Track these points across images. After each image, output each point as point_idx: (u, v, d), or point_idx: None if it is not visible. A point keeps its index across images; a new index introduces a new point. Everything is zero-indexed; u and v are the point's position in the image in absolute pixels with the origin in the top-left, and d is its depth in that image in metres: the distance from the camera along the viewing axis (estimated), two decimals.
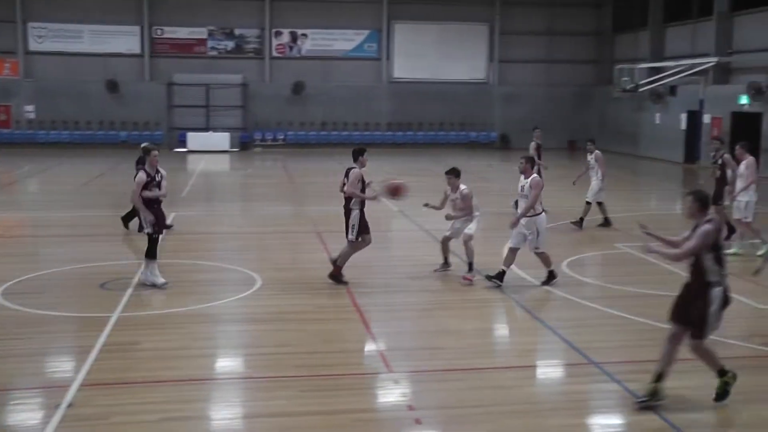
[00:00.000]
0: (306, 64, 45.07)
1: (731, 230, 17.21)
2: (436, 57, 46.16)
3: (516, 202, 21.06)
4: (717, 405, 8.44)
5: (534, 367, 10.08)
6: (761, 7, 33.91)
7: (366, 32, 45.61)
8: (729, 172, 16.91)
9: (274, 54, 45.25)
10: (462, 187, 14.17)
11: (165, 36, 44.45)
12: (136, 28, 44.12)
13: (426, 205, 14.50)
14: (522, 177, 13.91)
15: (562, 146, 45.01)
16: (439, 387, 9.11)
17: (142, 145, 14.06)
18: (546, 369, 10.08)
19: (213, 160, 39.02)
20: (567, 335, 10.96)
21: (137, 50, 44.28)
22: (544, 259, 13.82)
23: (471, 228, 14.18)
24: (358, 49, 45.71)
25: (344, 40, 45.49)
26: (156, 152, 13.46)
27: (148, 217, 13.02)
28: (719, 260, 8.23)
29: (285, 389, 8.94)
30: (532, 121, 45.68)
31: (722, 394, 8.42)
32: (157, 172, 13.33)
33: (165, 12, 44.11)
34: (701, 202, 8.28)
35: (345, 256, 13.89)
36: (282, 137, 44.88)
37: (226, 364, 10.14)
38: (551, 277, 13.87)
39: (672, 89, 39.13)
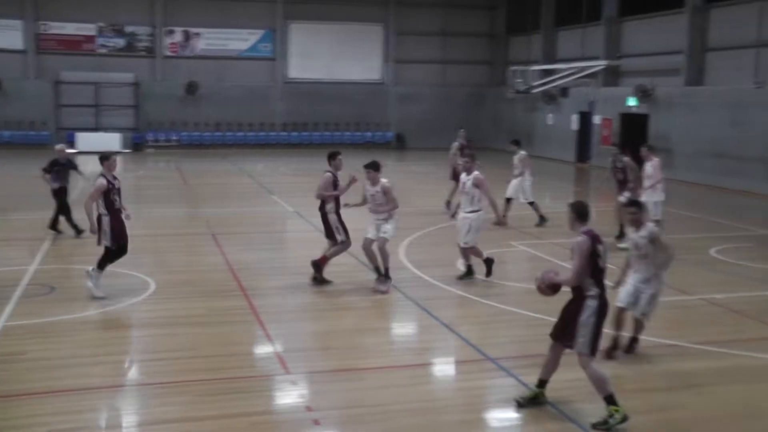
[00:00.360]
0: (200, 64, 44.40)
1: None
2: (332, 57, 46.07)
3: (448, 203, 21.39)
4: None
5: (431, 364, 10.16)
6: (647, 13, 35.08)
7: (260, 32, 45.20)
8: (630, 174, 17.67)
9: (167, 53, 44.42)
10: (383, 180, 13.94)
11: (51, 32, 43.03)
12: (19, 23, 42.59)
13: (347, 205, 14.17)
14: (464, 174, 14.29)
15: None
16: (336, 387, 9.10)
17: (101, 154, 13.30)
18: (442, 366, 10.17)
19: None
20: (463, 332, 11.08)
21: (20, 46, 42.78)
22: (467, 254, 14.13)
23: (387, 230, 13.39)
24: (253, 49, 45.26)
25: (238, 40, 44.98)
26: (115, 157, 13.06)
27: (93, 227, 12.57)
28: (596, 271, 8.12)
29: (180, 395, 8.78)
30: (428, 122, 46.37)
31: (602, 423, 7.93)
32: (115, 178, 12.87)
33: (51, 6, 42.67)
34: (577, 213, 8.33)
35: (333, 255, 13.85)
36: (175, 138, 44.12)
37: (119, 371, 9.88)
38: (469, 272, 14.16)
39: (564, 91, 39.97)
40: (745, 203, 25.24)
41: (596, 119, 37.40)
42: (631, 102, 34.45)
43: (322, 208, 13.92)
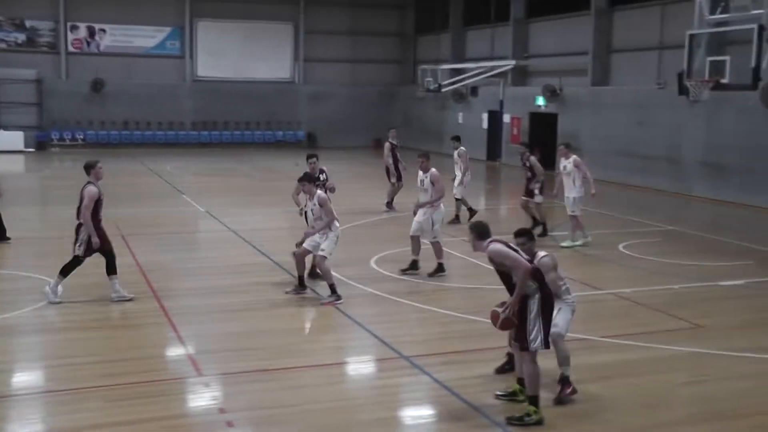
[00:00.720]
0: (106, 61, 43.44)
1: (539, 225, 18.22)
2: (241, 55, 45.65)
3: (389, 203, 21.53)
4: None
5: (345, 363, 10.16)
6: (553, 15, 35.74)
7: (168, 29, 44.49)
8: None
9: (71, 49, 43.35)
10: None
11: None
12: None
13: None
14: (421, 173, 14.68)
15: (368, 144, 45.63)
16: (250, 388, 9.03)
17: (86, 162, 12.75)
18: (357, 365, 10.18)
19: (6, 160, 37.07)
20: (376, 330, 11.11)
21: None
22: (437, 250, 14.37)
23: (324, 247, 12.68)
24: (160, 47, 44.53)
25: (145, 37, 44.18)
26: (101, 165, 12.66)
27: (94, 238, 12.17)
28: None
29: (90, 401, 8.59)
30: (338, 120, 46.38)
31: (518, 419, 8.03)
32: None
33: None
34: (476, 233, 8.30)
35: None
36: (81, 137, 43.12)
37: (25, 378, 9.58)
38: (440, 269, 14.37)
39: (473, 90, 40.45)
40: (651, 200, 25.88)
41: (506, 118, 37.94)
42: (540, 101, 35.05)
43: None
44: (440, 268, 14.44)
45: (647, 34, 30.08)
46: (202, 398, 8.75)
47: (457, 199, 20.45)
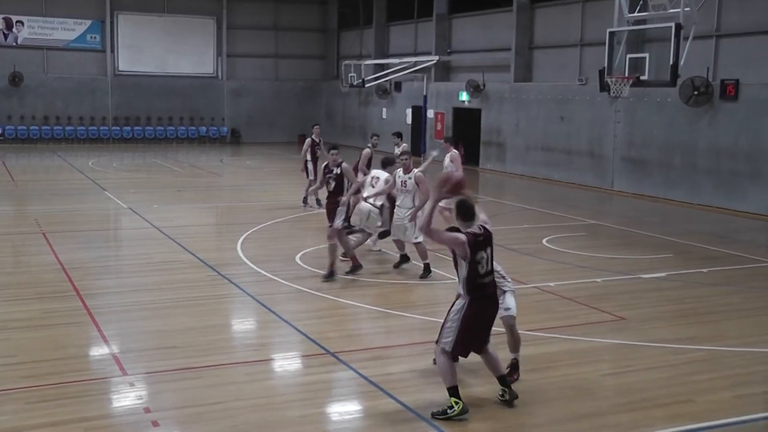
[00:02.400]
0: (24, 54, 42.43)
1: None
2: (163, 50, 45.06)
3: (305, 199, 21.30)
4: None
5: (271, 360, 10.10)
6: (475, 11, 36.09)
7: (88, 22, 43.63)
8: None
9: None
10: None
11: None
12: None
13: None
14: (401, 172, 14.28)
15: (292, 140, 45.45)
16: (176, 387, 8.92)
17: None
18: (283, 362, 10.12)
19: None
20: (302, 327, 11.08)
21: None
22: (421, 251, 14.11)
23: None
24: (81, 40, 43.65)
25: (65, 30, 43.26)
26: None
27: None
28: (472, 274, 8.10)
29: (9, 403, 8.38)
30: (262, 116, 46.17)
31: (441, 413, 8.05)
32: None
33: None
34: (463, 214, 8.28)
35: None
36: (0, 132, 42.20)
37: None
38: (427, 270, 14.10)
39: (397, 85, 40.63)
40: (573, 194, 26.30)
41: (430, 113, 38.16)
42: (463, 97, 35.33)
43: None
44: (427, 269, 14.16)
45: (568, 31, 30.56)
46: (126, 398, 8.61)
47: None
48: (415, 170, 14.33)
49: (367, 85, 40.25)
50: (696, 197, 24.17)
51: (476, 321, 8.16)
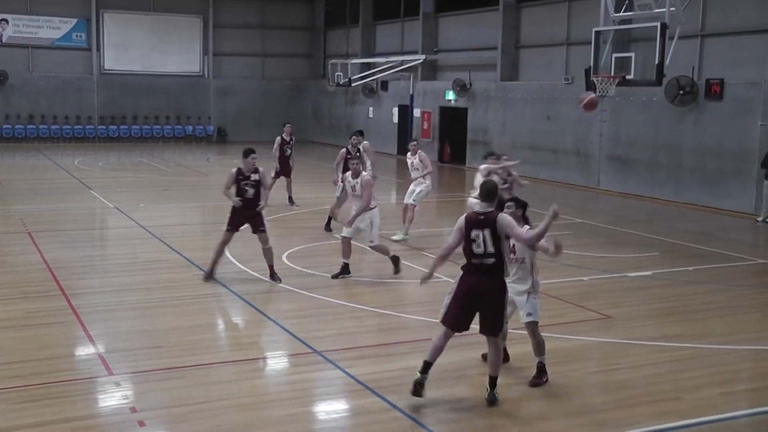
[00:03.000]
0: (8, 52, 42.15)
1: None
2: (149, 49, 44.89)
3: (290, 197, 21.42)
4: (431, 383, 8.76)
5: (258, 359, 10.08)
6: (461, 10, 36.10)
7: (74, 21, 43.39)
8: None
9: None
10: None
11: None
12: None
13: None
14: (350, 177, 14.15)
15: None
16: (162, 386, 8.89)
17: None
18: (270, 361, 10.11)
19: None
20: (289, 326, 11.06)
21: None
22: (381, 250, 14.16)
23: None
24: (66, 38, 43.41)
25: (50, 28, 43.01)
26: None
27: None
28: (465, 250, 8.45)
29: None
30: (248, 115, 46.06)
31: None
32: None
33: None
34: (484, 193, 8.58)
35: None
36: None
37: None
38: (395, 264, 14.19)
39: (383, 84, 40.62)
40: (560, 193, 26.32)
41: (416, 113, 38.17)
42: (450, 96, 35.36)
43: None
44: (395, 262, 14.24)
45: (554, 30, 30.61)
46: (112, 398, 8.57)
47: None
48: (364, 174, 14.22)
49: (353, 84, 40.24)
50: (681, 196, 24.27)
51: (461, 297, 8.40)
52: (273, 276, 13.57)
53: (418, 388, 8.30)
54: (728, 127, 23.09)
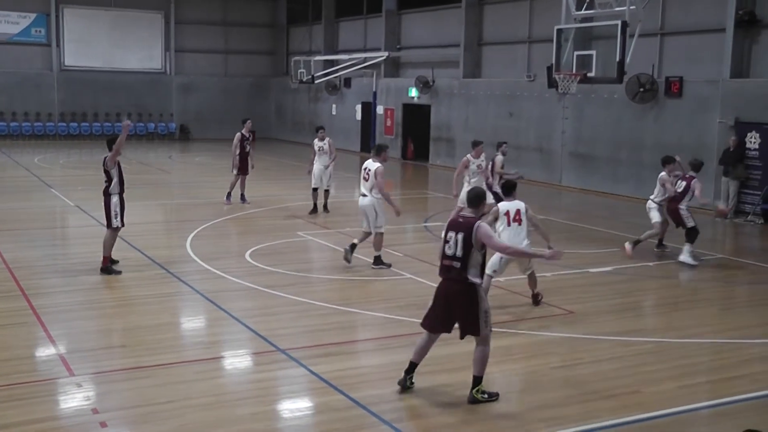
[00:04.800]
0: None
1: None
2: (110, 45, 44.46)
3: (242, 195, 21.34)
4: (395, 380, 8.80)
5: (221, 358, 10.05)
6: (424, 7, 36.19)
7: (33, 15, 42.85)
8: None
9: None
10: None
11: None
12: None
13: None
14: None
15: None
16: (124, 387, 8.84)
17: None
18: (233, 359, 10.08)
19: None
20: (252, 324, 11.04)
21: None
22: (378, 241, 14.43)
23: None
24: (25, 33, 42.85)
25: (8, 23, 42.42)
26: None
27: None
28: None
29: None
30: (211, 112, 45.82)
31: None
32: None
33: None
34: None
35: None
36: None
37: None
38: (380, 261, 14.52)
39: (347, 81, 40.61)
40: (522, 190, 26.28)
41: (379, 110, 38.20)
42: (413, 93, 35.43)
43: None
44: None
45: (517, 27, 30.76)
46: (74, 399, 8.50)
47: (326, 190, 20.50)
48: (378, 164, 14.40)
49: (316, 81, 40.22)
50: (642, 192, 24.42)
51: (435, 299, 8.65)
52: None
53: (404, 387, 8.58)
54: (687, 124, 23.37)
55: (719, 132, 22.37)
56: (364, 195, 14.46)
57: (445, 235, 8.47)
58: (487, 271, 11.84)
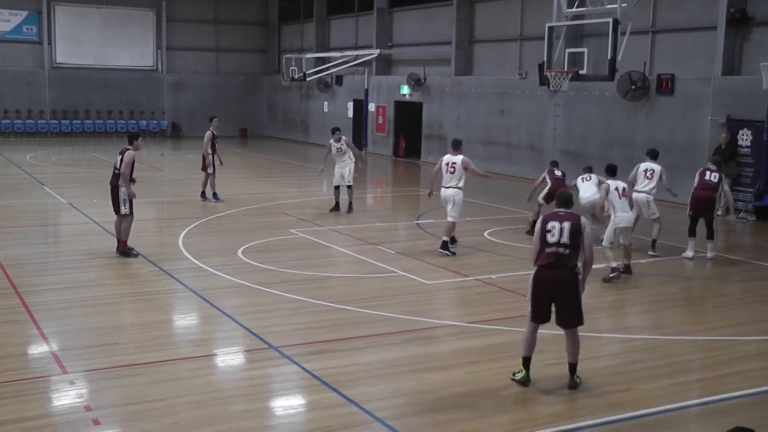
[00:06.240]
0: None
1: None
2: (102, 42, 44.34)
3: (203, 193, 21.18)
4: (387, 377, 8.82)
5: (214, 355, 10.05)
6: (415, 5, 36.19)
7: (24, 13, 42.72)
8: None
9: None
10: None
11: None
12: None
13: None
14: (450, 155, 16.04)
15: (234, 134, 45.24)
16: (117, 384, 8.84)
17: None
18: (226, 357, 10.08)
19: None
20: (245, 321, 11.04)
21: None
22: (449, 228, 15.60)
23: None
24: (16, 31, 42.70)
25: (0, 21, 42.32)
26: None
27: None
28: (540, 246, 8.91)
29: None
30: (203, 110, 45.64)
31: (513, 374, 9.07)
32: None
33: None
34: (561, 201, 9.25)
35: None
36: None
37: None
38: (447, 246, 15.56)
39: (338, 79, 40.59)
40: (514, 188, 26.49)
41: (371, 107, 38.19)
42: (405, 90, 35.42)
43: None
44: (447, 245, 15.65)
45: (508, 25, 30.78)
46: (67, 396, 8.50)
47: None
48: (461, 156, 16.12)
49: (308, 79, 40.17)
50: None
51: (537, 286, 8.98)
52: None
53: (526, 382, 8.93)
54: (679, 121, 23.41)
55: (711, 129, 22.42)
56: (448, 187, 15.84)
57: (544, 227, 8.82)
58: (605, 243, 13.73)
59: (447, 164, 15.90)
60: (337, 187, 20.19)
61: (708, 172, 15.96)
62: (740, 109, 21.81)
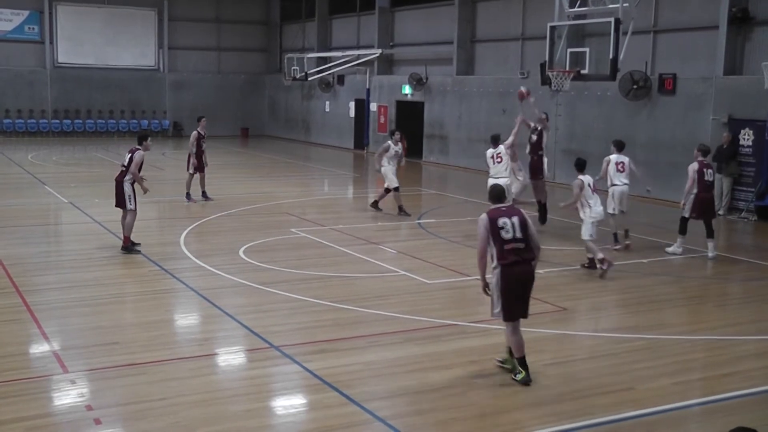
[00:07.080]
0: None
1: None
2: (104, 42, 44.35)
3: (188, 194, 21.14)
4: (388, 377, 8.82)
5: (215, 355, 10.05)
6: (416, 4, 36.18)
7: (26, 13, 42.73)
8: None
9: None
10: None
11: None
12: None
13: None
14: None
15: (235, 134, 45.27)
16: (118, 383, 8.83)
17: None
18: (227, 356, 10.08)
19: None
20: (246, 321, 11.04)
21: None
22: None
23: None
24: (18, 31, 42.72)
25: (1, 20, 42.15)
26: None
27: None
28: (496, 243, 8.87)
29: None
30: (204, 109, 45.62)
31: (509, 370, 9.14)
32: None
33: None
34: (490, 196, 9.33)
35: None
36: None
37: None
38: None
39: (340, 78, 40.58)
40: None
41: (373, 107, 38.19)
42: (406, 90, 35.41)
43: None
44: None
45: (510, 25, 30.78)
46: (68, 396, 8.50)
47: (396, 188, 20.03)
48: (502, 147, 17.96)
49: (310, 79, 40.16)
50: (636, 189, 24.46)
51: (509, 283, 8.91)
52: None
53: (528, 381, 8.89)
54: (681, 121, 23.40)
55: (712, 129, 22.40)
56: (497, 177, 17.26)
57: (494, 224, 8.78)
58: (586, 237, 14.21)
59: (491, 157, 18.13)
60: (396, 189, 19.80)
61: (706, 171, 15.88)
62: (742, 109, 21.79)
